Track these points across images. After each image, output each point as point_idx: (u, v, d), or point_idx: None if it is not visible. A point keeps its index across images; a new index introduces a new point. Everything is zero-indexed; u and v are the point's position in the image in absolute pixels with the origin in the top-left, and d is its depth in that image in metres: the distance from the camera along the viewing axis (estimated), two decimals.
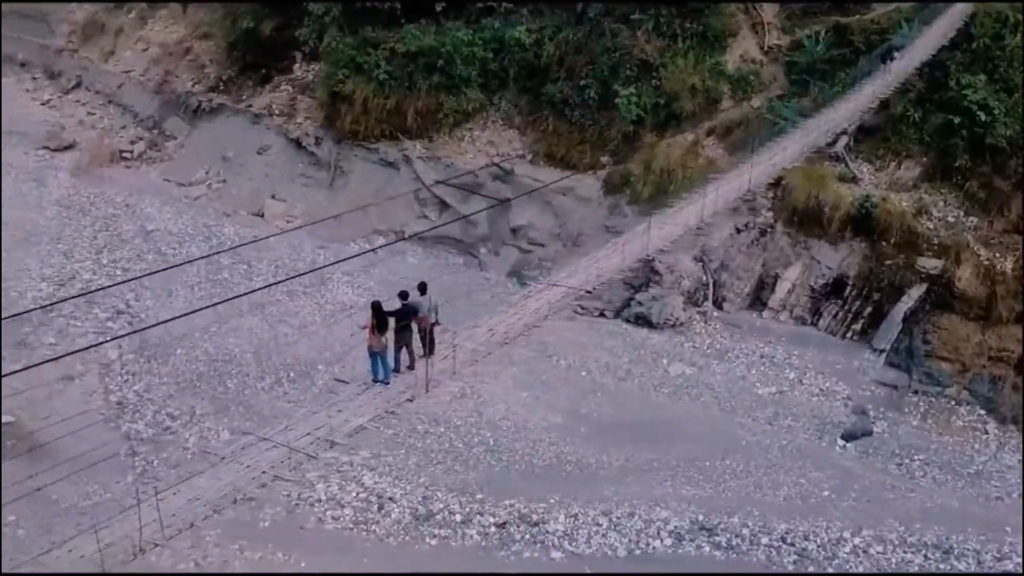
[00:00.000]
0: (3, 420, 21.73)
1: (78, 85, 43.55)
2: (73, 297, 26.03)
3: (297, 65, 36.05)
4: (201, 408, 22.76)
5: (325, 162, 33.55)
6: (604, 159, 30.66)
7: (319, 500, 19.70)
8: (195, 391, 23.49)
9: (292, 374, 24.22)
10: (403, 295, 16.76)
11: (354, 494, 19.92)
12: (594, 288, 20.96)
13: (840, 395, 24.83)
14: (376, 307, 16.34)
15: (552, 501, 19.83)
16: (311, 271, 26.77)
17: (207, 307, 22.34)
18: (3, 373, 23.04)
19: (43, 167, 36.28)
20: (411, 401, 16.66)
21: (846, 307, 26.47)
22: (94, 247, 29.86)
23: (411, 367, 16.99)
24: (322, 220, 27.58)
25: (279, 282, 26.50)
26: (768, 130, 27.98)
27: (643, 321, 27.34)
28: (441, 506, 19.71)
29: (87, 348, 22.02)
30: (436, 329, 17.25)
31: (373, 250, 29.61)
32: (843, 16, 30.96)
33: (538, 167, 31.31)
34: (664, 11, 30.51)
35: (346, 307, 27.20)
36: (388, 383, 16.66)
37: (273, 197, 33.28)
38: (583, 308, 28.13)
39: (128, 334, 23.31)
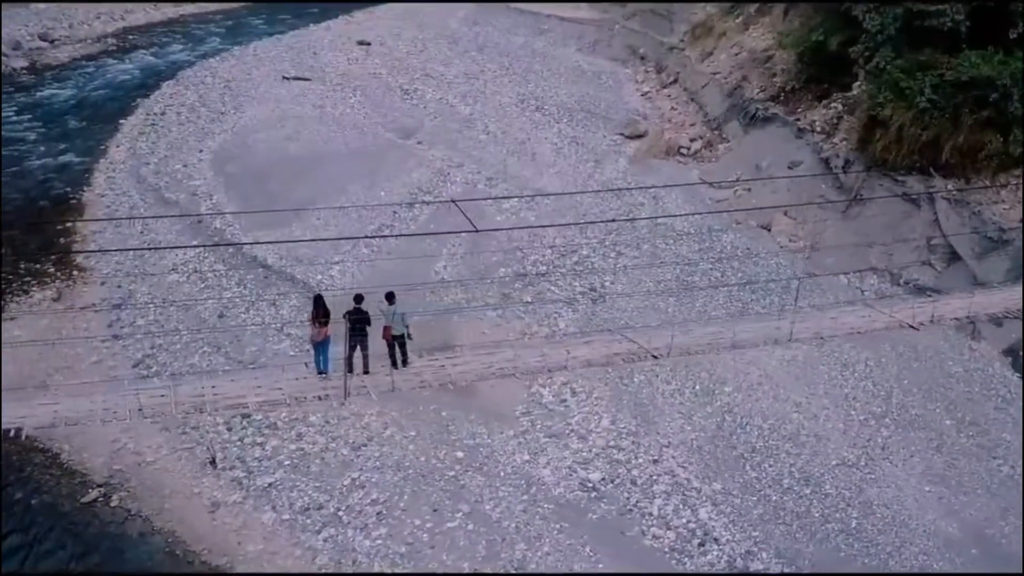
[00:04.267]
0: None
1: (674, 81, 47.24)
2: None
3: (857, 84, 34.37)
4: None
5: (847, 187, 31.76)
6: None
7: (650, 514, 19.81)
8: None
9: None
10: (357, 298, 16.99)
11: (684, 520, 19.61)
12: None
13: None
14: (316, 300, 17.04)
15: None
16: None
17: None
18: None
19: (610, 151, 40.44)
20: (320, 400, 17.04)
21: None
22: (604, 229, 32.58)
23: (365, 371, 17.21)
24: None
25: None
26: None
27: None
28: (761, 567, 18.43)
29: None
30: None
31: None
32: None
33: None
34: None
35: None
36: (324, 373, 17.18)
37: (785, 214, 32.62)
38: None
39: None
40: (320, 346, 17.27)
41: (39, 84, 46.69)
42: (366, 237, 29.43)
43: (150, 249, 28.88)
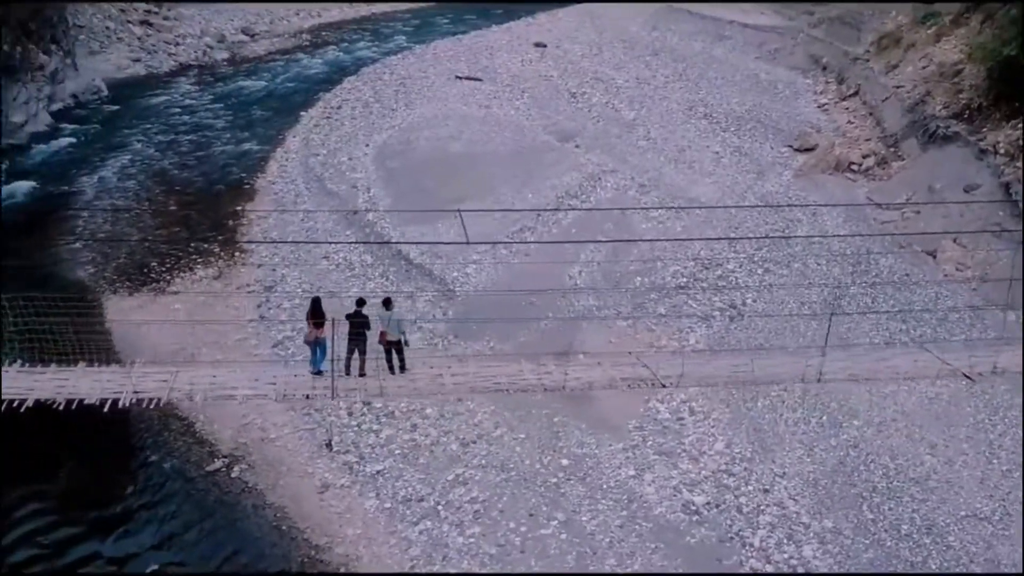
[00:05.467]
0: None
1: (855, 93, 44.96)
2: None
3: None
4: None
5: None
6: None
7: (752, 545, 19.01)
8: None
9: None
10: (359, 302, 17.31)
11: (786, 555, 18.71)
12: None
13: None
14: (313, 302, 17.36)
15: None
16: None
17: None
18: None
19: (775, 163, 39.01)
20: (307, 398, 17.59)
21: None
22: (754, 244, 31.40)
23: (362, 374, 17.35)
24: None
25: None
26: None
27: None
28: None
29: None
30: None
31: None
32: None
33: None
34: None
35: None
36: (320, 372, 17.36)
37: (955, 240, 30.33)
38: None
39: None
40: (315, 346, 17.50)
41: (235, 75, 50.29)
42: (465, 243, 29.30)
43: (301, 243, 30.46)
